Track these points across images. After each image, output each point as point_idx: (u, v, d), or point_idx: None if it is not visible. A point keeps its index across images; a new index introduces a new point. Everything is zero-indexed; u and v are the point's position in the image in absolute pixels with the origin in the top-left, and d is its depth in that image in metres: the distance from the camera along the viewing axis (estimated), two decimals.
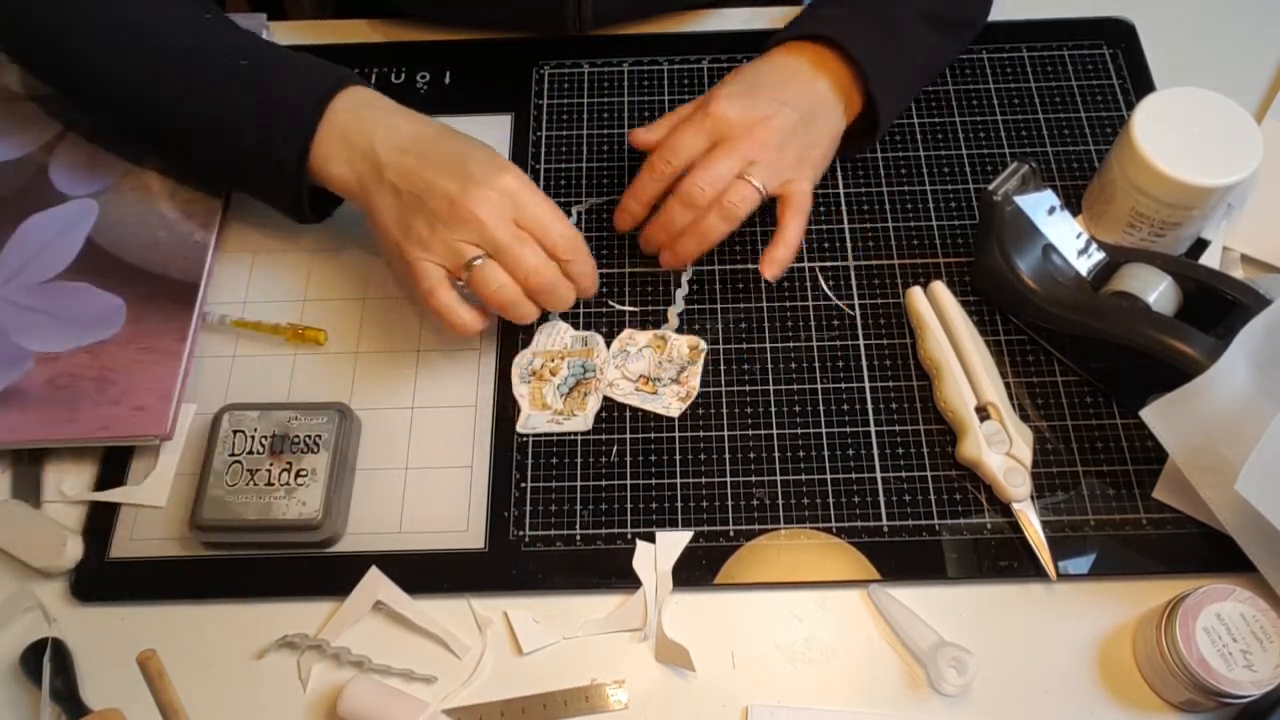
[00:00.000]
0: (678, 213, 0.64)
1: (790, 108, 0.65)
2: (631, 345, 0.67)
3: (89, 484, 0.64)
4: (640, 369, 0.66)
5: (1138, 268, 0.62)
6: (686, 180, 0.64)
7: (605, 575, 0.60)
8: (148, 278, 0.68)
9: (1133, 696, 0.57)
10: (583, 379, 0.66)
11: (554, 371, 0.66)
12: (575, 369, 0.66)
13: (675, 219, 0.64)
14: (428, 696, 0.57)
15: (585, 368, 0.66)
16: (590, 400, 0.65)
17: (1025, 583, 0.60)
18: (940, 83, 0.78)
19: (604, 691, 0.57)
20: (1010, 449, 0.61)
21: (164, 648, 0.55)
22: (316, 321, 0.69)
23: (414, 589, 0.60)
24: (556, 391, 0.65)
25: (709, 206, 0.63)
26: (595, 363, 0.66)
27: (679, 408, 0.65)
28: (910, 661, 0.58)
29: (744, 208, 0.64)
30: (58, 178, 0.72)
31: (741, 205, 0.63)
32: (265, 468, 0.60)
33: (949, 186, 0.73)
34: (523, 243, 0.59)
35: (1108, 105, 0.76)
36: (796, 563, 0.60)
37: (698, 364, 0.66)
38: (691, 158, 0.64)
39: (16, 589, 0.61)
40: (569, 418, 0.64)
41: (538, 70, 0.79)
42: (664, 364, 0.66)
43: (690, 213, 0.64)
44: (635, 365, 0.66)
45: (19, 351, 0.65)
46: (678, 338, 0.67)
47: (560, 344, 0.67)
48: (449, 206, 0.58)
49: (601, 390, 0.65)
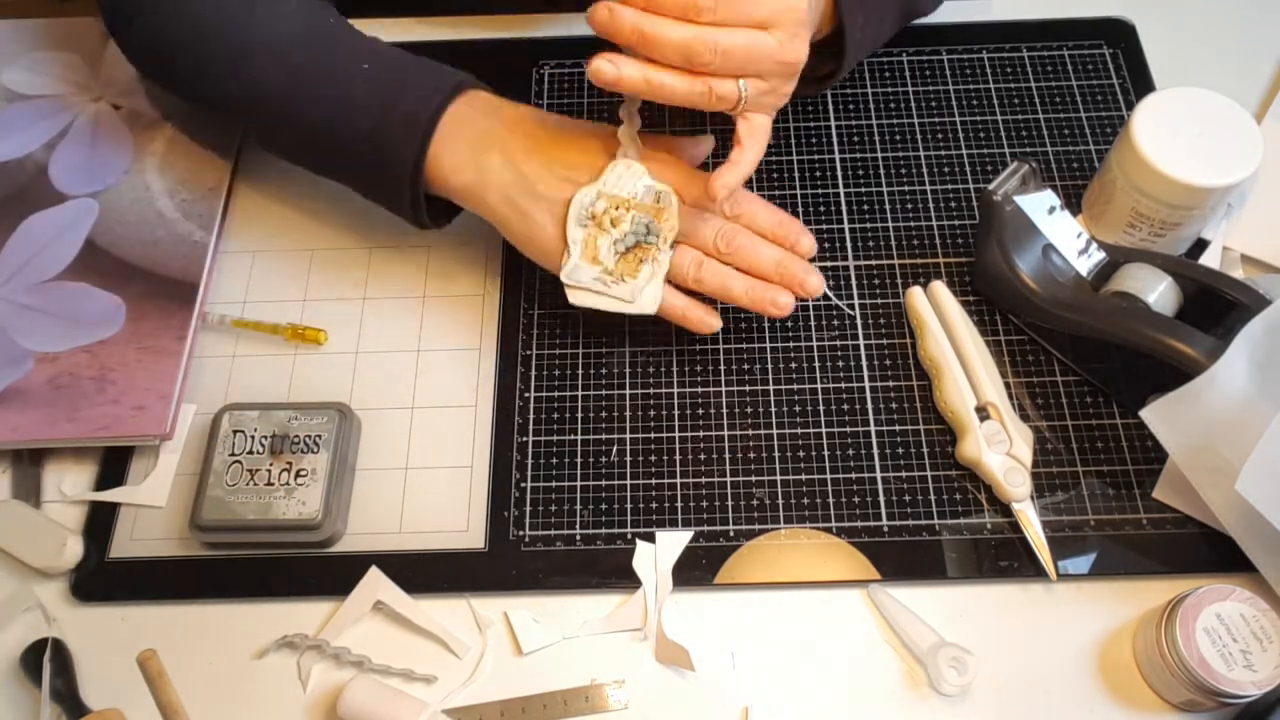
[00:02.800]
0: (671, 50, 0.53)
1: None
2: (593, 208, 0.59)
3: (89, 484, 0.64)
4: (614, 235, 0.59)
5: (1138, 268, 0.62)
6: (703, 35, 0.53)
7: (605, 575, 0.60)
8: (147, 277, 0.68)
9: (1133, 696, 0.57)
10: (643, 242, 0.59)
11: (615, 222, 0.59)
12: (639, 225, 0.59)
13: (667, 52, 0.53)
14: (428, 696, 0.57)
15: (649, 228, 0.59)
16: (644, 270, 0.59)
17: (1025, 583, 0.60)
18: (940, 83, 0.78)
19: (604, 691, 0.57)
20: (1010, 449, 0.61)
21: (164, 648, 0.55)
22: (316, 321, 0.69)
23: (414, 589, 0.60)
24: (613, 247, 0.59)
25: (699, 72, 0.55)
26: (662, 226, 0.59)
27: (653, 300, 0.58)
28: (910, 661, 0.58)
29: (722, 104, 0.56)
30: (58, 178, 0.72)
31: (722, 101, 0.56)
32: (265, 468, 0.60)
33: (949, 186, 0.73)
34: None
35: (1108, 105, 0.76)
36: (796, 563, 0.60)
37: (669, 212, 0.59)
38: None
39: (16, 589, 0.61)
40: (618, 282, 0.58)
41: (538, 70, 0.79)
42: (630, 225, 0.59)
43: (680, 60, 0.54)
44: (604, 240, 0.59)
45: (19, 351, 0.65)
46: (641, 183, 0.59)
47: (630, 190, 0.60)
48: None
49: (661, 268, 0.58)
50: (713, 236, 0.61)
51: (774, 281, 0.61)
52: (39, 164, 0.73)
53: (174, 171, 0.73)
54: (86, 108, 0.76)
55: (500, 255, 0.71)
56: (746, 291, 0.60)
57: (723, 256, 0.61)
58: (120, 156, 0.73)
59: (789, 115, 0.76)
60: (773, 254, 0.61)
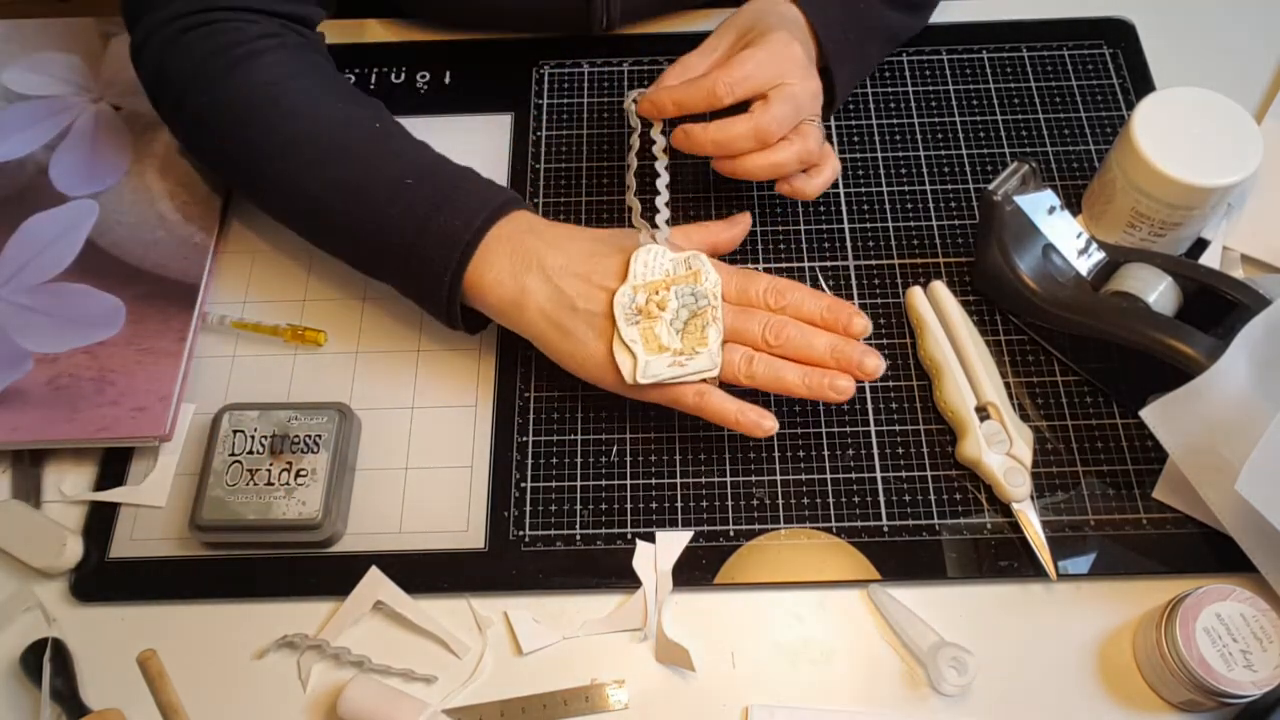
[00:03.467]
0: (745, 142, 0.62)
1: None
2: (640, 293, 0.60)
3: (89, 484, 0.64)
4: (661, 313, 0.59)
5: (1138, 268, 0.62)
6: (759, 120, 0.62)
7: (605, 575, 0.60)
8: (147, 278, 0.68)
9: (1133, 696, 0.57)
10: (696, 310, 0.58)
11: (661, 305, 0.58)
12: (685, 298, 0.59)
13: (738, 144, 0.62)
14: (428, 696, 0.57)
15: (695, 295, 0.59)
16: (711, 333, 0.58)
17: (1025, 583, 0.60)
18: (940, 83, 0.78)
19: (604, 691, 0.57)
20: (1010, 449, 0.61)
21: (164, 648, 0.55)
22: (316, 321, 0.69)
23: (414, 589, 0.60)
24: (670, 329, 0.58)
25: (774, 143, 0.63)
26: (705, 287, 0.59)
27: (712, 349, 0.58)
28: (910, 661, 0.58)
29: (813, 147, 0.64)
30: (58, 178, 0.72)
31: (809, 146, 0.64)
32: (265, 468, 0.60)
33: (949, 186, 0.73)
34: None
35: (1108, 105, 0.76)
36: (796, 563, 0.60)
37: (705, 277, 0.60)
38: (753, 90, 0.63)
39: (16, 589, 0.61)
40: (691, 357, 0.58)
41: (538, 70, 0.79)
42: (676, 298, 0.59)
43: (757, 144, 0.63)
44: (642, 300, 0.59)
45: (19, 351, 0.65)
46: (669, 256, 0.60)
47: (661, 270, 0.59)
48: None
49: (720, 320, 0.58)
50: (760, 330, 0.59)
51: (830, 368, 0.59)
52: (39, 164, 0.73)
53: (174, 172, 0.73)
54: (86, 108, 0.76)
55: None
56: (803, 380, 0.58)
57: (773, 349, 0.59)
58: (120, 157, 0.73)
59: None
60: (825, 341, 0.59)
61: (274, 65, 0.64)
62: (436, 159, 0.64)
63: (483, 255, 0.60)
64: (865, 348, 0.59)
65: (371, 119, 0.65)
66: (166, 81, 0.65)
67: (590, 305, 0.59)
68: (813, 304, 0.60)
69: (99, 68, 0.78)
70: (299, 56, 0.66)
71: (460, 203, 0.60)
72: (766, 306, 0.60)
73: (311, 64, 0.67)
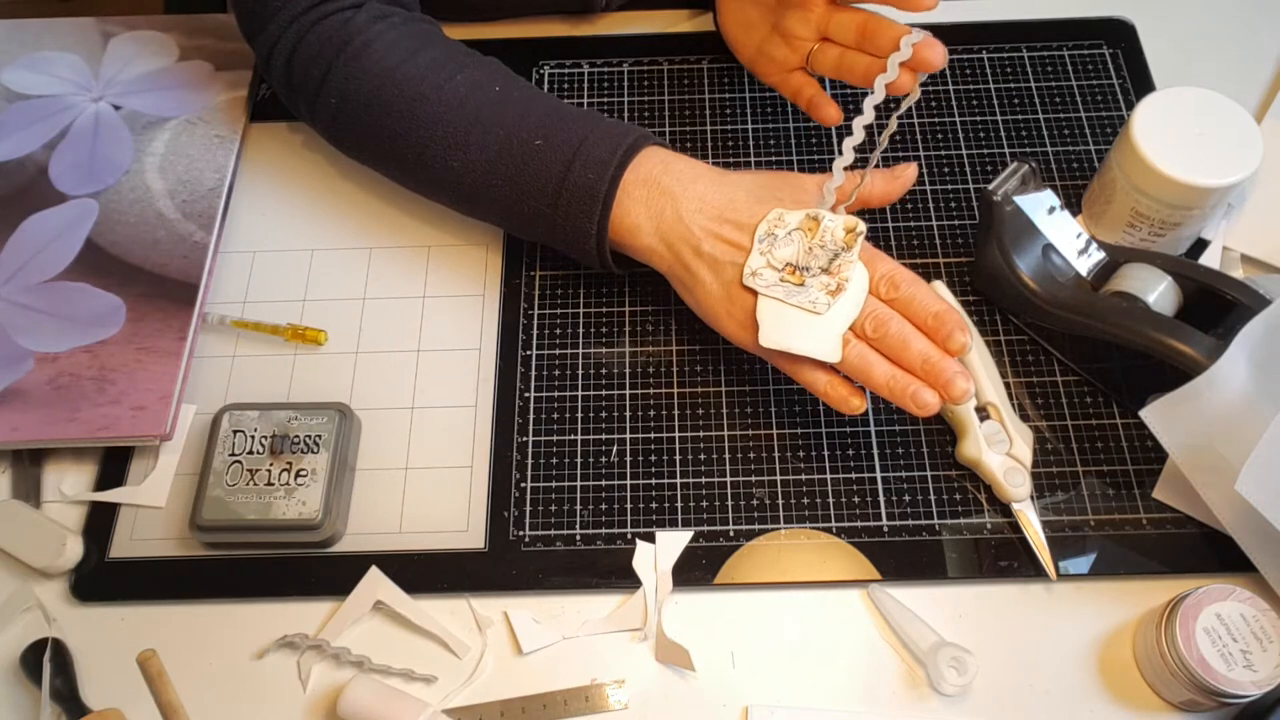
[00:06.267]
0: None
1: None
2: (780, 228, 0.58)
3: (89, 484, 0.64)
4: (787, 255, 0.57)
5: (1138, 268, 0.62)
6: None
7: (605, 575, 0.60)
8: (147, 278, 0.68)
9: (1133, 696, 0.57)
10: (836, 257, 0.57)
11: (810, 230, 0.58)
12: (833, 244, 0.57)
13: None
14: (428, 696, 0.57)
15: (840, 251, 0.58)
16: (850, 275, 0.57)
17: (1025, 583, 0.60)
18: (940, 83, 0.78)
19: (604, 691, 0.57)
20: (1010, 449, 0.61)
21: (164, 648, 0.55)
22: (316, 321, 0.69)
23: (414, 589, 0.60)
24: (803, 247, 0.57)
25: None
26: (854, 247, 0.57)
27: (826, 302, 0.56)
28: (910, 661, 0.58)
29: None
30: (58, 177, 0.72)
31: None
32: (265, 468, 0.60)
33: (949, 186, 0.73)
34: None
35: (1108, 105, 0.76)
36: (796, 563, 0.60)
37: (854, 250, 0.57)
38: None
39: (16, 589, 0.61)
40: (815, 277, 0.57)
41: (538, 70, 0.79)
42: (815, 250, 0.57)
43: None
44: (783, 251, 0.58)
45: (19, 351, 0.65)
46: (832, 218, 0.58)
47: (792, 252, 0.58)
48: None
49: (857, 287, 0.57)
50: (863, 319, 0.57)
51: (916, 376, 0.56)
52: (39, 164, 0.73)
53: (174, 172, 0.73)
54: (86, 108, 0.76)
55: (500, 255, 0.71)
56: (887, 381, 0.56)
57: (870, 341, 0.57)
58: (120, 156, 0.73)
59: (790, 117, 0.76)
60: (921, 349, 0.56)
61: (391, 50, 0.65)
62: (558, 109, 0.64)
63: (620, 203, 0.61)
64: (958, 368, 0.56)
65: (490, 82, 0.65)
66: (296, 90, 0.67)
67: (716, 252, 0.59)
68: (923, 305, 0.57)
69: (99, 67, 0.78)
70: (410, 31, 0.67)
71: (590, 154, 0.61)
72: (877, 293, 0.58)
73: (424, 36, 0.67)
